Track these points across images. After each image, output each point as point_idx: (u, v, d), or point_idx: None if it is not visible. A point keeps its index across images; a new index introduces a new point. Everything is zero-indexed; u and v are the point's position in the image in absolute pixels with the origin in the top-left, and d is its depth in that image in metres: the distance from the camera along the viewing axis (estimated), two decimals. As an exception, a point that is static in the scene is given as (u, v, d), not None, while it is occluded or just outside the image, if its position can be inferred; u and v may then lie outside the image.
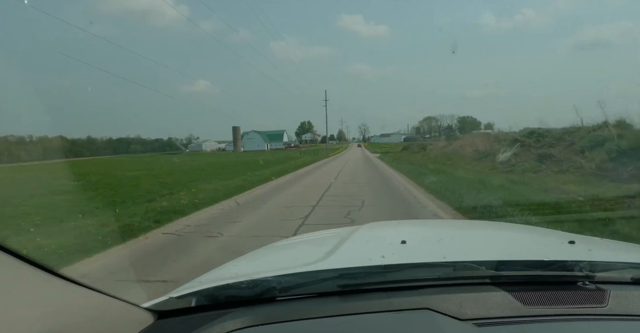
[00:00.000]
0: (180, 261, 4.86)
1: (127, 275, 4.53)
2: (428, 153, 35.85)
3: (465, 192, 9.49)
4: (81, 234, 6.09)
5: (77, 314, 0.78)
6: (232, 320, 0.93)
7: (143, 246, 5.82)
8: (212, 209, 9.14)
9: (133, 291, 3.85)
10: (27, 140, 55.92)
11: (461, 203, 8.36)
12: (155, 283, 4.08)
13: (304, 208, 8.66)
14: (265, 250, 1.88)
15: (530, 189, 10.25)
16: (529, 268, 1.07)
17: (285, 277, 1.06)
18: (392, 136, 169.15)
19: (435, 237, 1.75)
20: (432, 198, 9.88)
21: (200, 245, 5.76)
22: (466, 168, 19.15)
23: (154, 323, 0.97)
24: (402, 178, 15.84)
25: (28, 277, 0.72)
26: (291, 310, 0.99)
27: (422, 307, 0.95)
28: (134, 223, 6.97)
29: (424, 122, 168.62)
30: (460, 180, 12.49)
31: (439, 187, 11.18)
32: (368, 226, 2.02)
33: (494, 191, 9.45)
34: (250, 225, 7.08)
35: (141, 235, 6.36)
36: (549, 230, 2.04)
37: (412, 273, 1.08)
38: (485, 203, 7.83)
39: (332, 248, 1.42)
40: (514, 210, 7.05)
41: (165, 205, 8.82)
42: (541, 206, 7.17)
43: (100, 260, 5.01)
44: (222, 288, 1.07)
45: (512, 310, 0.93)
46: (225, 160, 35.91)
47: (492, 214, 7.03)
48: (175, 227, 7.06)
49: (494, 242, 1.68)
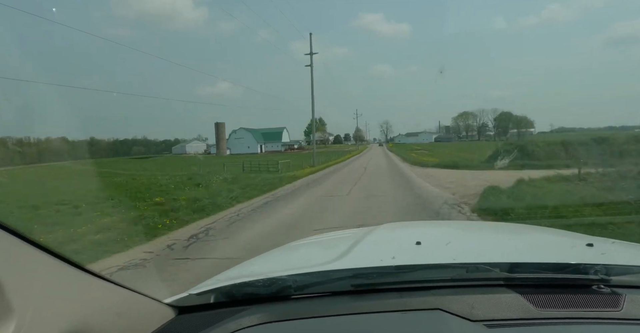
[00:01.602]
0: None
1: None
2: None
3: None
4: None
5: (102, 308, 0.82)
6: (248, 316, 0.98)
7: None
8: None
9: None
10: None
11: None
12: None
13: None
14: (281, 250, 1.94)
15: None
16: (543, 270, 1.07)
17: (300, 276, 1.10)
18: (421, 135, 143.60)
19: (450, 239, 1.75)
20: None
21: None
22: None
23: (174, 318, 1.03)
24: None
25: (57, 272, 0.76)
26: (305, 308, 1.03)
27: (434, 308, 0.96)
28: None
29: (459, 119, 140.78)
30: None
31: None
32: (384, 227, 2.05)
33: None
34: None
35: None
36: (567, 232, 1.96)
37: (425, 274, 1.09)
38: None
39: (347, 248, 1.43)
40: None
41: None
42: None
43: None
44: (240, 286, 1.12)
45: (524, 312, 0.94)
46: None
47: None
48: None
49: (509, 243, 1.67)
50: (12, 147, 45.32)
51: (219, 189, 12.77)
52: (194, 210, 9.10)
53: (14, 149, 45.93)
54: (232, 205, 10.48)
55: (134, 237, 6.67)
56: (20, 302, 0.63)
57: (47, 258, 0.74)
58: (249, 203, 10.82)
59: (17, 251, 0.68)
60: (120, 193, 12.96)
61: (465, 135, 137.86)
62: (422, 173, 19.15)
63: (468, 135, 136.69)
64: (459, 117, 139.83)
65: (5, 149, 42.33)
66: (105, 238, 6.63)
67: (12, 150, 44.94)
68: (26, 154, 49.09)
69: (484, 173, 17.32)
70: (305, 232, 6.71)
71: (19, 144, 49.69)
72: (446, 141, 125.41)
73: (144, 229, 7.31)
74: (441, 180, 15.18)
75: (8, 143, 45.02)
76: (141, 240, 6.61)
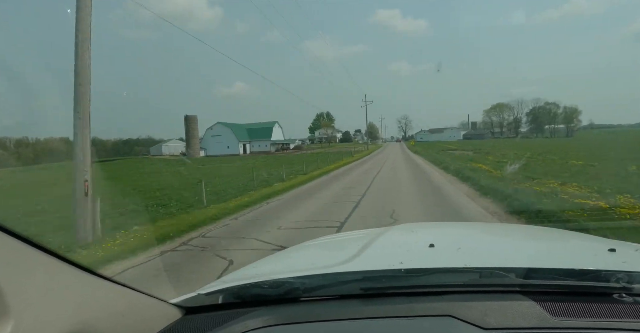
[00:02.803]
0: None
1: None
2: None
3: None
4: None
5: (105, 309, 0.82)
6: (255, 318, 0.97)
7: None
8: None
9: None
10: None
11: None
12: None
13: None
14: (291, 250, 1.95)
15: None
16: (561, 277, 1.02)
17: (308, 278, 1.09)
18: (446, 132, 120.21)
19: (465, 241, 1.69)
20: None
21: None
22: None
23: (181, 318, 1.03)
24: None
25: (58, 274, 0.75)
26: (313, 311, 1.01)
27: (444, 314, 0.93)
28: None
29: (491, 112, 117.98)
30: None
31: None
32: (398, 228, 2.02)
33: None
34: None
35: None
36: (589, 236, 1.90)
37: (436, 279, 1.06)
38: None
39: (358, 250, 1.40)
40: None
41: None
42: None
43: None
44: (248, 287, 1.11)
45: (539, 321, 0.89)
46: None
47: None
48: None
49: (526, 247, 1.61)
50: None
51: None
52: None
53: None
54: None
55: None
56: (18, 303, 0.63)
57: (47, 259, 0.74)
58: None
59: (14, 252, 0.68)
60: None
61: (499, 131, 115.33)
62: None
63: (503, 131, 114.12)
64: (491, 110, 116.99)
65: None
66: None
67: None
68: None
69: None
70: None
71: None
72: (478, 138, 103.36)
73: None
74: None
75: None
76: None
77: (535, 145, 47.36)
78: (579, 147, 37.47)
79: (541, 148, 37.75)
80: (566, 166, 16.47)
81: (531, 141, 76.44)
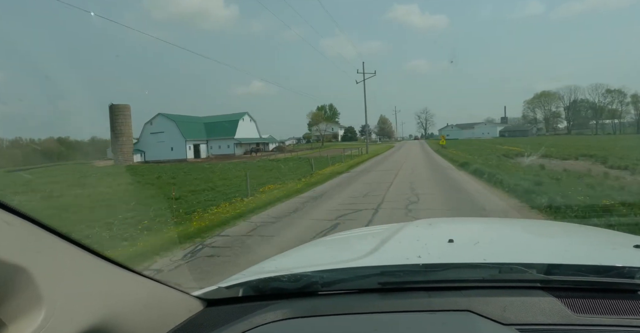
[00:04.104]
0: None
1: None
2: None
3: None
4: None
5: (130, 300, 0.84)
6: (274, 311, 0.98)
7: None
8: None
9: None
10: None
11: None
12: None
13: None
14: (311, 245, 1.92)
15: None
16: (583, 273, 1.00)
17: (327, 272, 1.10)
18: (478, 128, 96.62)
19: (484, 236, 1.64)
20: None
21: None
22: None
23: (203, 310, 1.05)
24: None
25: (86, 265, 0.78)
26: (331, 304, 1.02)
27: (463, 309, 0.93)
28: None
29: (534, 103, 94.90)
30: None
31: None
32: (417, 223, 1.96)
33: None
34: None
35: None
36: (613, 232, 1.88)
37: (455, 274, 1.06)
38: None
39: (377, 244, 1.40)
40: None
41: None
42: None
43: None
44: (267, 281, 1.12)
45: (560, 317, 0.89)
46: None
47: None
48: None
49: (547, 243, 1.59)
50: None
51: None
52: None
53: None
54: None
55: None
56: (50, 292, 0.65)
57: (76, 251, 0.76)
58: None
59: (46, 244, 0.70)
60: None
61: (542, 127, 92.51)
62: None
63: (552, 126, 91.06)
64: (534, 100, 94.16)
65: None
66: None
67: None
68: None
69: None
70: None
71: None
72: (520, 135, 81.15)
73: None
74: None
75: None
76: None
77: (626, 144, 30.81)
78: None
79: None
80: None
81: (600, 138, 54.55)
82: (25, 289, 0.63)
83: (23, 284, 0.63)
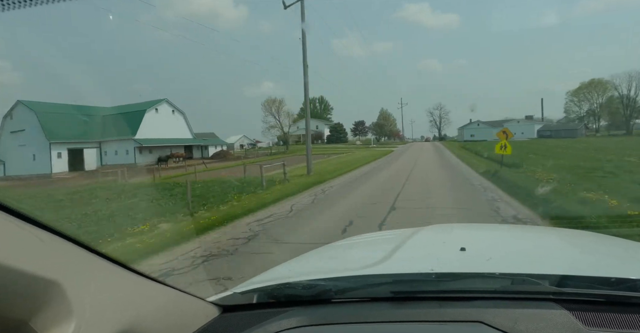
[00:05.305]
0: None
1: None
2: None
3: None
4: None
5: (152, 308, 0.86)
6: (289, 318, 1.00)
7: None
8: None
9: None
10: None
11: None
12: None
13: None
14: (324, 250, 1.92)
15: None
16: (597, 285, 0.99)
17: (340, 280, 1.12)
18: (509, 125, 77.25)
19: (497, 245, 1.67)
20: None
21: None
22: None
23: (218, 316, 1.07)
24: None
25: (110, 275, 0.81)
26: (344, 312, 1.04)
27: (475, 320, 0.93)
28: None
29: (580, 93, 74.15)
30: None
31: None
32: (429, 229, 1.97)
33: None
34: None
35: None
36: (628, 242, 1.80)
37: (467, 284, 1.06)
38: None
39: (389, 252, 1.41)
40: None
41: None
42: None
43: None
44: (282, 288, 1.14)
45: (571, 331, 0.88)
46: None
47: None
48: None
49: (561, 253, 1.57)
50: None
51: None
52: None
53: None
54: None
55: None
56: (79, 303, 0.68)
57: (101, 262, 0.79)
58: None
59: (74, 257, 0.74)
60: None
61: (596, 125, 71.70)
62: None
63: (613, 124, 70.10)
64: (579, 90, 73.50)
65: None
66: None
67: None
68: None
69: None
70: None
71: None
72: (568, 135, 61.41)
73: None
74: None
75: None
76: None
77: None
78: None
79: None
80: None
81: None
82: (57, 301, 0.65)
83: (55, 297, 0.64)
